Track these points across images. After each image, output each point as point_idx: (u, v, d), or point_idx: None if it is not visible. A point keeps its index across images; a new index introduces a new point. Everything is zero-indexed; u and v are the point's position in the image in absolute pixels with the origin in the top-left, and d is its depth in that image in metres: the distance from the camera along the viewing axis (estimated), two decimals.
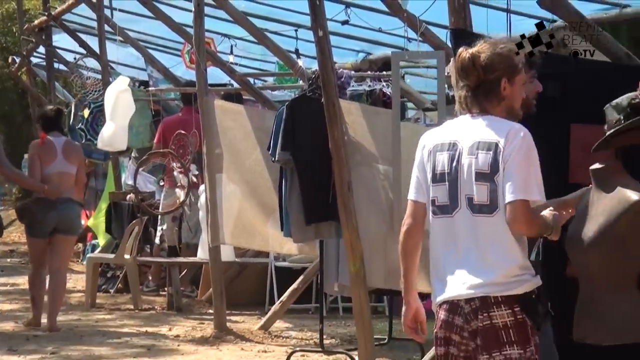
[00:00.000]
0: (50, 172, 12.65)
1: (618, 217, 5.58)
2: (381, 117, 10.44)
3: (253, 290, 14.61)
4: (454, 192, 5.64)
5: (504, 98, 5.72)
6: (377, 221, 10.02)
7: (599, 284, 5.78)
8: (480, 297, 5.56)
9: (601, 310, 5.79)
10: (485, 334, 5.56)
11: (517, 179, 5.48)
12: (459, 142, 5.66)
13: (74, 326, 13.21)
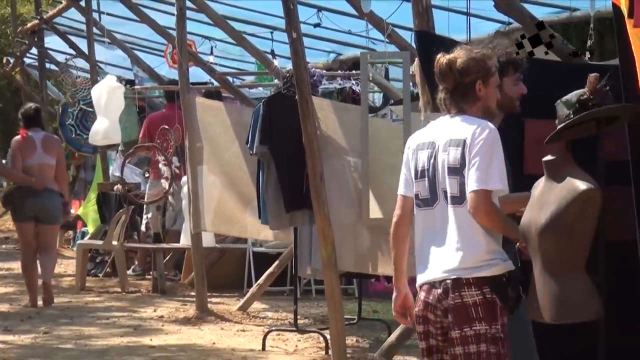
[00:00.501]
0: (31, 163, 12.96)
1: (568, 205, 5.61)
2: (351, 113, 10.45)
3: (232, 274, 14.61)
4: (433, 186, 5.73)
5: (479, 99, 5.80)
6: (347, 210, 10.04)
7: (550, 267, 5.80)
8: (453, 279, 5.63)
9: (552, 291, 5.81)
10: (456, 311, 5.62)
11: (479, 171, 5.55)
12: (437, 141, 5.75)
13: (65, 308, 13.20)
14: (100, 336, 11.33)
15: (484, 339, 5.64)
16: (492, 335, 5.66)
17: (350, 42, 15.48)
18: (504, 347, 5.71)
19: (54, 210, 13.13)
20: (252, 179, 11.27)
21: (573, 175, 5.67)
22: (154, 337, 11.24)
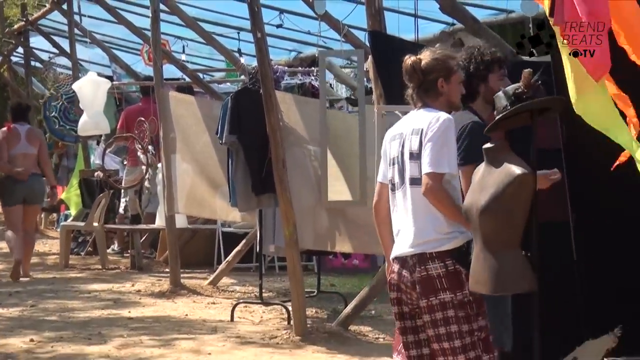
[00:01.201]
0: (16, 153, 13.48)
1: (505, 188, 5.65)
2: (310, 106, 10.48)
3: (203, 252, 14.64)
4: (401, 172, 5.82)
5: (441, 94, 5.89)
6: (307, 193, 10.08)
7: (490, 244, 5.84)
8: (418, 253, 5.72)
9: (491, 266, 5.84)
10: (422, 282, 5.70)
11: (430, 155, 5.64)
12: (404, 132, 5.85)
13: (50, 283, 13.20)
14: (82, 309, 11.32)
15: (450, 306, 5.71)
16: (459, 301, 5.74)
17: (310, 41, 15.48)
18: (474, 308, 5.78)
19: (40, 192, 13.84)
20: (221, 166, 11.31)
21: (509, 161, 5.71)
22: (131, 309, 11.26)
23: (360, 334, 9.96)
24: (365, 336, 9.94)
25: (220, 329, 10.16)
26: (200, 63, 18.61)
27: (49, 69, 20.84)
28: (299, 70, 14.67)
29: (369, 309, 10.53)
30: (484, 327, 5.85)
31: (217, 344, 9.48)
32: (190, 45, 17.18)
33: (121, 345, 9.41)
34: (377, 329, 10.17)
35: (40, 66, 21.61)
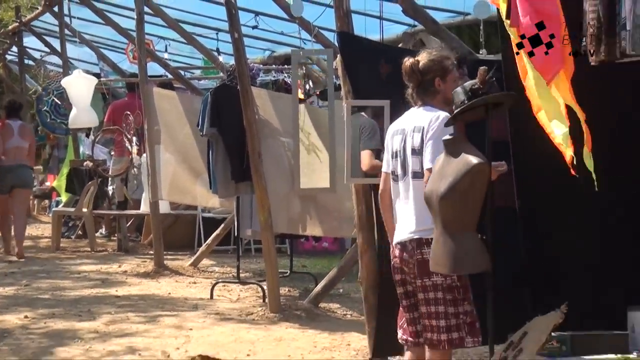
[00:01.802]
0: (9, 146, 13.81)
1: (462, 176, 5.68)
2: (283, 101, 10.49)
3: (184, 236, 14.62)
4: (403, 165, 5.94)
5: (438, 92, 5.98)
6: (281, 181, 10.09)
7: (448, 228, 5.87)
8: (416, 239, 5.85)
9: (449, 248, 5.87)
10: (419, 265, 5.83)
11: (431, 152, 5.78)
12: (406, 128, 5.95)
13: (43, 264, 13.16)
14: (73, 288, 11.29)
15: (440, 288, 5.81)
16: (448, 285, 5.83)
17: (283, 41, 15.47)
18: (461, 293, 5.86)
19: (27, 179, 14.14)
20: (201, 156, 11.31)
21: (467, 152, 5.74)
22: (119, 288, 11.25)
23: (330, 311, 10.00)
24: (334, 313, 9.97)
25: (200, 306, 10.16)
26: (181, 61, 18.58)
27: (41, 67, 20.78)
28: (272, 68, 14.70)
29: (338, 287, 10.57)
30: (469, 312, 5.90)
31: (198, 320, 9.49)
32: (172, 45, 17.13)
33: (109, 321, 9.41)
34: (344, 306, 10.21)
35: (33, 64, 21.55)
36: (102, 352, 8.31)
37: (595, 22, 5.17)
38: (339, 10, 8.00)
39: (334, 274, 9.90)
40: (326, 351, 8.33)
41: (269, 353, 8.31)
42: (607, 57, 5.18)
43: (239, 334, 8.92)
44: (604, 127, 6.20)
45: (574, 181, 6.25)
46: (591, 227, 6.48)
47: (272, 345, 8.54)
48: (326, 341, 8.65)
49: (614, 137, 6.30)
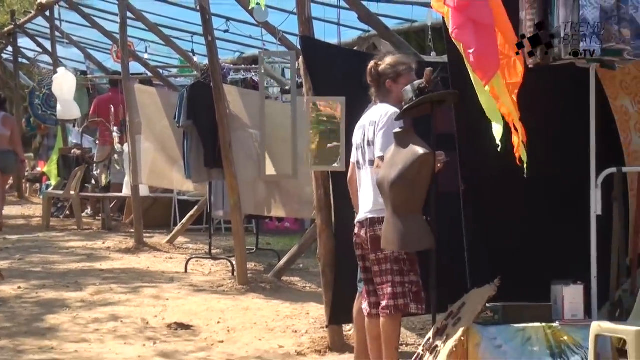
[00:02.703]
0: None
1: (410, 165, 5.69)
2: (251, 97, 10.47)
3: (162, 216, 14.54)
4: (363, 155, 6.11)
5: (391, 92, 6.10)
6: (249, 169, 10.05)
7: (398, 211, 5.88)
8: (370, 217, 5.98)
9: (398, 228, 5.88)
10: (372, 241, 5.95)
11: (380, 142, 5.93)
12: (365, 123, 6.12)
13: (34, 241, 13.06)
14: (62, 262, 11.22)
15: (389, 260, 5.91)
16: (395, 258, 5.92)
17: (251, 44, 15.47)
18: (407, 265, 5.93)
19: (8, 164, 14.10)
20: (177, 145, 11.25)
21: (414, 143, 5.76)
22: (103, 262, 11.19)
23: (291, 284, 10.01)
24: (295, 285, 9.99)
25: (176, 279, 10.14)
26: (160, 61, 18.49)
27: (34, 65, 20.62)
28: (242, 67, 14.65)
29: (298, 263, 10.57)
30: (415, 282, 5.95)
31: (174, 291, 9.47)
32: (151, 46, 17.05)
33: (94, 292, 9.37)
34: (304, 279, 10.22)
35: (27, 62, 21.39)
36: (88, 319, 8.29)
37: (532, 29, 5.20)
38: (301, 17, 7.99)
39: (295, 250, 9.91)
40: (288, 319, 8.35)
41: (237, 321, 8.31)
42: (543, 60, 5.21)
43: (211, 304, 8.90)
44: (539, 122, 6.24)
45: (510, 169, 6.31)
46: (524, 210, 6.51)
47: (240, 314, 8.54)
48: (288, 310, 8.66)
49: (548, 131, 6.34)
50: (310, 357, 7.19)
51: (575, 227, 6.13)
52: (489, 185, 6.37)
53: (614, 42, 5.02)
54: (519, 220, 6.53)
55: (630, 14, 5.06)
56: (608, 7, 5.00)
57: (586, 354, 5.44)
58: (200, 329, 8.07)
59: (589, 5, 4.94)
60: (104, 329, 8.00)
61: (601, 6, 4.97)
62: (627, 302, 5.98)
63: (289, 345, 7.53)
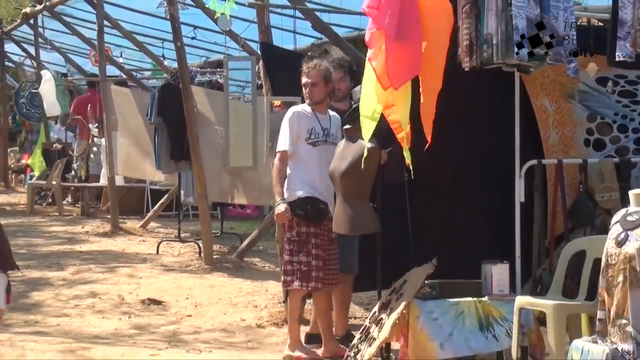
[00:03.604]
0: None
1: (358, 157, 5.73)
2: (216, 97, 10.43)
3: (136, 203, 14.41)
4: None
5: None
6: (214, 161, 10.02)
7: (347, 198, 5.90)
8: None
9: (348, 214, 5.91)
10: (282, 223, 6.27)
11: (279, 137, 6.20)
12: None
13: (20, 226, 12.88)
14: (45, 245, 11.10)
15: (285, 241, 6.15)
16: (288, 239, 6.10)
17: (216, 49, 15.41)
18: (296, 246, 6.08)
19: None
20: (150, 140, 11.17)
21: (362, 138, 5.78)
22: (82, 245, 11.09)
23: (252, 264, 10.00)
24: (255, 265, 9.98)
25: (149, 260, 10.08)
26: (133, 64, 18.33)
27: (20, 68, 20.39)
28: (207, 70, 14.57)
29: (258, 245, 10.56)
30: (303, 262, 6.06)
31: (147, 270, 9.42)
32: (126, 51, 16.94)
33: (75, 271, 9.29)
34: (263, 260, 10.22)
35: (13, 66, 21.13)
36: (69, 296, 8.23)
37: (467, 36, 5.22)
38: (261, 25, 8.01)
39: (255, 234, 9.90)
40: (249, 295, 8.35)
41: (203, 297, 8.29)
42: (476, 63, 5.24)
43: (180, 282, 8.87)
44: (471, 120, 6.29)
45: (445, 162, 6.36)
46: (458, 198, 6.57)
47: (206, 291, 8.52)
48: (249, 287, 8.66)
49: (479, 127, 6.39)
50: (269, 329, 7.19)
51: (501, 213, 6.20)
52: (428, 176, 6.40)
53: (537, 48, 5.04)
54: (453, 207, 6.59)
55: (551, 23, 5.11)
56: (533, 17, 5.04)
57: (511, 325, 5.49)
58: (171, 304, 8.04)
59: (519, 15, 4.98)
60: (83, 305, 7.95)
61: (527, 16, 5.01)
62: (546, 279, 6.06)
63: (250, 318, 7.53)
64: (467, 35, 5.19)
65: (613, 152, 6.55)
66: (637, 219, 4.07)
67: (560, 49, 5.17)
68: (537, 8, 5.04)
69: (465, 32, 5.21)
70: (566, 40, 5.18)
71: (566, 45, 5.19)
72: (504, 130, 6.10)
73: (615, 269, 4.03)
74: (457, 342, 5.47)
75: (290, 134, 6.10)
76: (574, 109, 6.56)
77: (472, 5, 5.16)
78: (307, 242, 6.05)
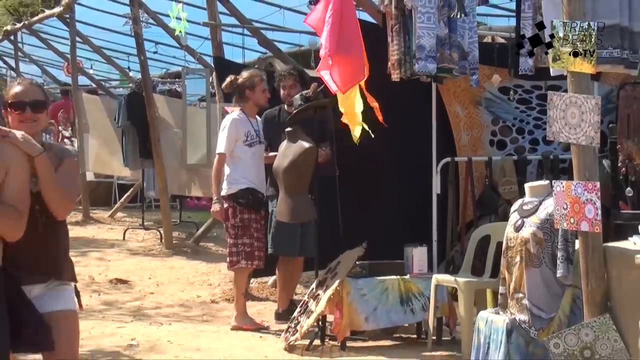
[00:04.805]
0: None
1: (298, 155, 5.72)
2: (175, 103, 10.39)
3: (105, 196, 14.21)
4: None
5: (249, 99, 6.12)
6: (173, 159, 9.97)
7: (289, 191, 5.88)
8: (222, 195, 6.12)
9: (289, 204, 5.89)
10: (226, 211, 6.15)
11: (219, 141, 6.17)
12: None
13: None
14: None
15: (229, 227, 6.06)
16: (232, 225, 6.03)
17: (175, 62, 15.27)
18: (240, 231, 6.02)
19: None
20: (117, 141, 11.06)
21: (301, 139, 5.77)
22: None
23: (207, 248, 9.93)
24: (210, 249, 9.91)
25: (116, 245, 9.94)
26: (102, 75, 18.07)
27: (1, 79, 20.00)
28: (168, 80, 14.43)
29: (212, 232, 10.48)
30: (247, 244, 6.04)
31: (115, 254, 9.30)
32: (96, 64, 16.72)
33: None
34: (217, 244, 10.14)
35: None
36: None
37: (397, 52, 5.23)
38: (214, 42, 7.96)
39: (209, 222, 9.84)
40: (204, 275, 8.29)
41: (164, 277, 8.21)
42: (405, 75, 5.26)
43: (144, 264, 8.77)
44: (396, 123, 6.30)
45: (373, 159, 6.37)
46: (385, 190, 6.59)
47: (167, 271, 8.45)
48: (204, 268, 8.60)
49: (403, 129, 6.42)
50: (221, 304, 7.15)
51: (421, 203, 6.24)
52: (358, 171, 6.41)
53: (446, 63, 5.09)
54: (380, 198, 6.61)
55: (457, 41, 5.15)
56: (442, 36, 5.07)
57: (427, 300, 5.54)
58: (135, 283, 7.94)
59: (426, 35, 5.00)
60: None
61: (437, 35, 5.04)
62: (458, 260, 6.12)
63: (205, 295, 7.47)
64: (397, 51, 5.21)
65: (512, 151, 6.64)
66: (531, 208, 4.13)
67: (465, 62, 5.22)
68: (446, 28, 5.07)
69: (395, 48, 5.22)
70: (470, 55, 5.24)
71: (470, 59, 5.24)
72: (423, 132, 6.14)
73: (514, 251, 4.08)
74: (380, 316, 5.53)
75: (228, 139, 6.09)
76: (481, 114, 6.63)
77: (401, 24, 5.18)
78: (250, 227, 6.04)
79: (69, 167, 3.27)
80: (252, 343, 5.74)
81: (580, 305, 3.62)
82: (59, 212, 3.23)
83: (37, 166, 3.06)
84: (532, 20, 4.91)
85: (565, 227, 3.44)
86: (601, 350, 3.30)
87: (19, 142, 2.97)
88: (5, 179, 2.87)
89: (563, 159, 6.15)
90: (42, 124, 3.28)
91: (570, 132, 3.37)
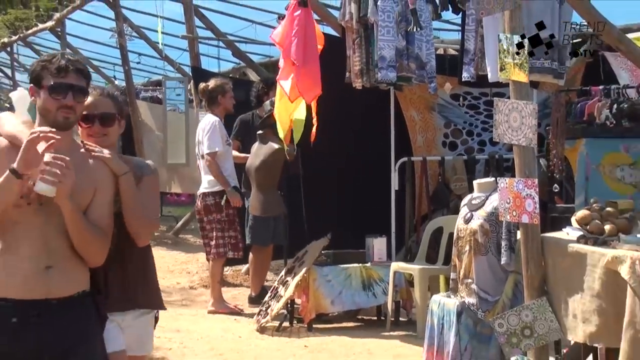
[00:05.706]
0: None
1: (269, 155, 5.70)
2: (157, 109, 10.28)
3: None
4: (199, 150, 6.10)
5: (220, 104, 6.04)
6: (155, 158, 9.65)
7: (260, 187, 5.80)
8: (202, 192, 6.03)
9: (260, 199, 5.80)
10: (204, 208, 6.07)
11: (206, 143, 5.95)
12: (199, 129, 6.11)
13: None
14: None
15: (214, 221, 5.96)
16: (218, 219, 5.94)
17: (156, 72, 15.14)
18: (226, 225, 5.92)
19: None
20: None
21: (272, 141, 5.73)
22: None
23: (186, 239, 9.86)
24: (189, 240, 9.84)
25: None
26: None
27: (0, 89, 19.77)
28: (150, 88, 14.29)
29: (190, 225, 10.38)
30: (233, 236, 5.99)
31: None
32: None
33: None
34: (195, 236, 10.02)
35: None
36: None
37: (359, 62, 5.21)
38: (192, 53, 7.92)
39: (188, 216, 9.76)
40: (183, 264, 8.23)
41: None
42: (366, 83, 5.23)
43: None
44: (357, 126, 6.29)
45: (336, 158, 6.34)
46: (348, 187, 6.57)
47: None
48: (184, 258, 8.53)
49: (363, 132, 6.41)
50: (199, 290, 7.08)
51: (381, 198, 6.23)
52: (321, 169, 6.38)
53: (405, 72, 5.09)
54: (344, 193, 6.60)
55: (415, 52, 5.15)
56: (401, 47, 5.06)
57: (387, 285, 5.54)
58: None
59: (387, 47, 4.99)
60: None
61: (396, 47, 5.03)
62: (414, 249, 6.12)
63: (184, 282, 7.39)
64: (359, 61, 5.19)
65: (463, 151, 6.66)
66: (479, 202, 4.13)
67: (423, 72, 5.22)
68: (404, 41, 5.07)
69: (357, 58, 5.20)
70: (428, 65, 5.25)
71: (428, 69, 5.24)
72: (382, 134, 6.14)
73: (464, 241, 4.08)
74: (344, 299, 5.51)
75: (220, 138, 5.98)
76: (435, 118, 6.65)
77: (362, 37, 5.16)
78: (234, 221, 5.99)
79: (149, 186, 2.71)
80: (227, 325, 5.69)
81: (521, 289, 3.63)
82: (139, 236, 2.63)
83: (121, 185, 2.55)
84: (475, 32, 4.93)
85: (508, 220, 3.45)
86: (539, 329, 3.33)
87: (108, 159, 2.54)
88: (93, 198, 2.43)
89: (507, 158, 6.18)
90: (112, 138, 2.75)
91: (512, 134, 3.38)
